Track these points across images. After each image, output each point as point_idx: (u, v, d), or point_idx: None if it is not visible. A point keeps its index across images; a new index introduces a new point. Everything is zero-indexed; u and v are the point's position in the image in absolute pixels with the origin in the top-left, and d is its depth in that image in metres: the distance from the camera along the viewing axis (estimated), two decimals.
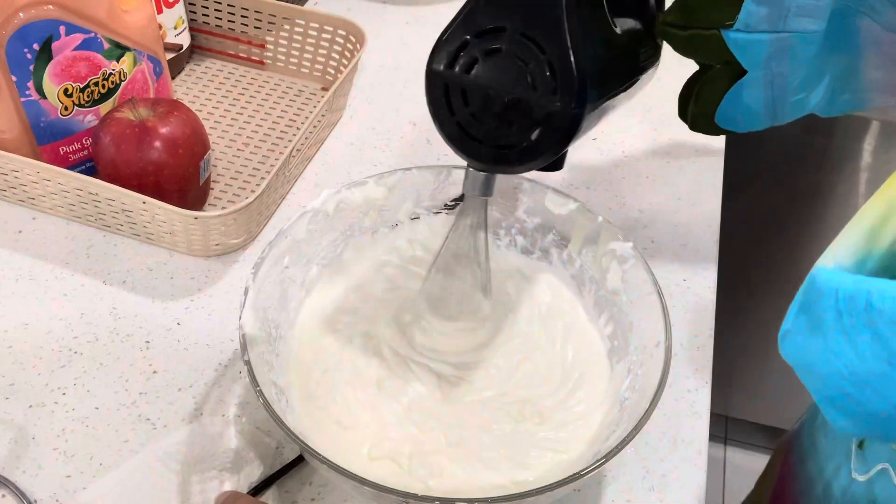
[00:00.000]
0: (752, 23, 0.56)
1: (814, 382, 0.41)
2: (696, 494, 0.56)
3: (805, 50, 0.57)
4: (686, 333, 0.65)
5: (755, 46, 0.57)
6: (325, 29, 0.82)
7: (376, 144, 0.79)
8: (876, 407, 0.37)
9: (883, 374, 0.36)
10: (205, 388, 0.60)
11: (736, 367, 1.34)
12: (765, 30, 0.56)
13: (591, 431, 0.54)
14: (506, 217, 0.63)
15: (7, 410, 0.58)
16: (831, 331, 0.38)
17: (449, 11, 0.95)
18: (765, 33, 0.56)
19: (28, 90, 0.65)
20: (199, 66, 0.86)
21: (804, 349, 0.40)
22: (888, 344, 0.35)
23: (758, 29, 0.56)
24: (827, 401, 0.40)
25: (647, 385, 0.50)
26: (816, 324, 0.39)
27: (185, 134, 0.66)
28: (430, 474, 0.51)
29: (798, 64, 0.58)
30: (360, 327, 0.59)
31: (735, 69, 0.59)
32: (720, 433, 1.57)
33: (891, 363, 0.35)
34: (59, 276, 0.66)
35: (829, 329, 0.38)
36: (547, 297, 0.61)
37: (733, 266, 0.85)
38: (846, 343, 0.37)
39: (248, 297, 0.52)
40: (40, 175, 0.66)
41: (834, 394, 0.39)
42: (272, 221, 0.72)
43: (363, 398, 0.55)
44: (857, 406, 0.38)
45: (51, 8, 0.63)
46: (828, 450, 0.55)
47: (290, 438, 0.46)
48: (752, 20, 0.56)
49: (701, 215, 0.74)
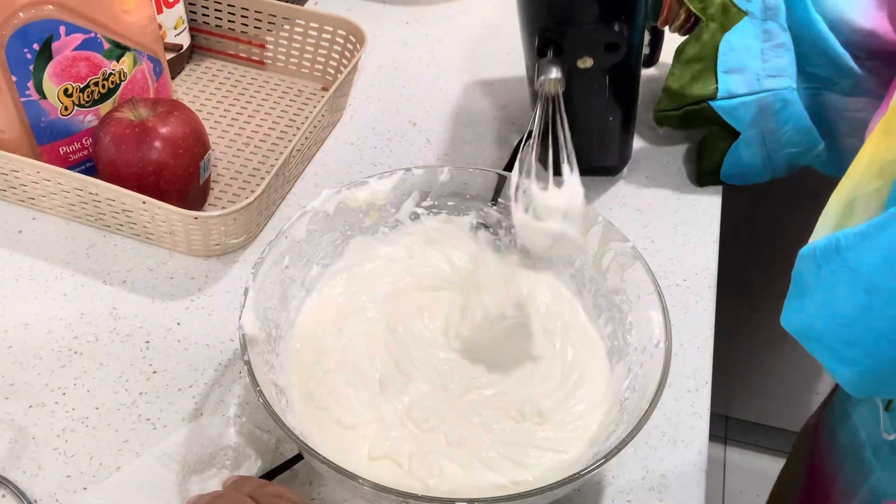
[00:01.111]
0: (732, 89, 0.66)
1: (817, 347, 0.45)
2: (696, 494, 0.56)
3: (786, 106, 0.66)
4: (686, 333, 0.65)
5: (741, 109, 0.66)
6: (325, 29, 0.82)
7: (376, 144, 0.79)
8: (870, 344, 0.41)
9: (865, 306, 0.40)
10: (205, 388, 0.60)
11: (736, 367, 1.34)
12: (745, 93, 0.66)
13: (591, 431, 0.54)
14: (506, 217, 0.63)
15: (7, 410, 0.58)
16: (816, 285, 0.43)
17: (449, 11, 0.95)
18: (747, 96, 0.66)
19: (28, 90, 0.65)
20: (199, 66, 0.86)
21: (799, 314, 0.45)
22: (860, 273, 0.40)
23: (739, 93, 0.66)
24: (833, 359, 0.44)
25: (647, 385, 0.50)
26: (804, 287, 0.45)
27: (185, 134, 0.66)
28: (430, 474, 0.51)
29: (783, 119, 0.66)
30: (360, 327, 0.59)
31: (730, 129, 0.69)
32: (720, 433, 1.57)
33: (867, 290, 0.40)
34: (59, 276, 0.66)
35: (813, 285, 0.44)
36: (547, 297, 0.61)
37: (733, 266, 0.85)
38: (829, 290, 0.42)
39: (248, 297, 0.52)
40: (40, 175, 0.66)
41: (835, 346, 0.43)
42: (272, 221, 0.72)
43: (363, 398, 0.55)
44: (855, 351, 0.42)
45: (51, 8, 0.63)
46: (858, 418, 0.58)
47: (290, 438, 0.46)
48: (731, 87, 0.66)
49: (701, 215, 0.74)
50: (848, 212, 0.44)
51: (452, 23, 0.94)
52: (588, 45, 0.62)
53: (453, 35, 0.92)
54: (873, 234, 0.40)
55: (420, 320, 0.60)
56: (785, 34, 0.65)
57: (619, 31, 0.61)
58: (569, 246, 0.57)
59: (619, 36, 0.61)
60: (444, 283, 0.62)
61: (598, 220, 0.58)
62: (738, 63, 0.66)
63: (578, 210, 0.55)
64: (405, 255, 0.63)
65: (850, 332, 0.42)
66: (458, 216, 0.64)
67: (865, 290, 0.40)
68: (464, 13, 0.95)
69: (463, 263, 0.63)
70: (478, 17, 0.95)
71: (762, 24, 0.66)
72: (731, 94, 0.66)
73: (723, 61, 0.67)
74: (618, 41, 0.61)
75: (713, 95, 0.67)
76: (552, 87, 0.59)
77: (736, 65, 0.66)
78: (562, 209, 0.54)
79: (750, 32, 0.66)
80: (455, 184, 0.62)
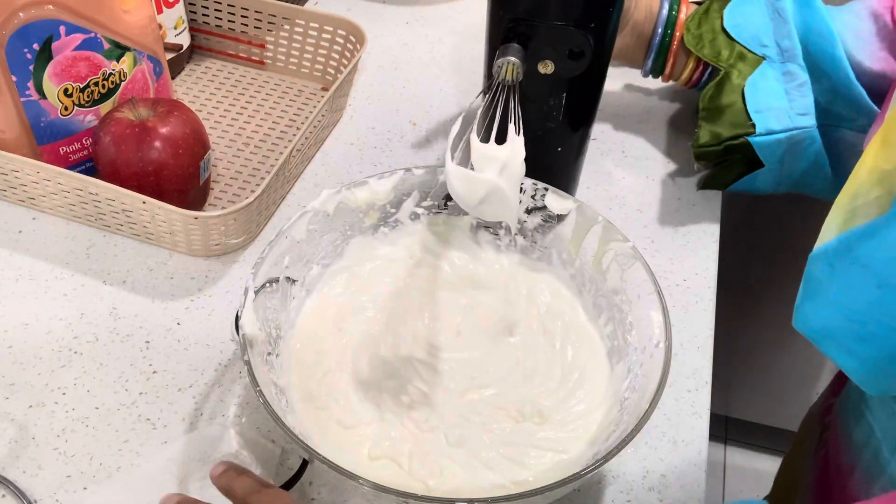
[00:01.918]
0: (770, 126, 0.68)
1: (831, 345, 0.46)
2: (696, 494, 0.56)
3: (812, 143, 0.68)
4: (686, 333, 0.65)
5: (774, 146, 0.68)
6: (325, 29, 0.82)
7: (376, 144, 0.79)
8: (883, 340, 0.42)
9: (877, 301, 0.41)
10: (205, 388, 0.60)
11: (736, 367, 1.34)
12: (781, 130, 0.68)
13: (590, 431, 0.54)
14: None
15: (7, 410, 0.58)
16: (828, 283, 0.44)
17: (449, 11, 0.95)
18: (781, 133, 0.68)
19: (28, 90, 0.65)
20: (199, 66, 0.86)
21: (812, 315, 0.46)
22: (871, 270, 0.41)
23: (776, 130, 0.68)
24: (847, 357, 0.45)
25: (647, 385, 0.50)
26: (816, 286, 0.45)
27: (185, 134, 0.66)
28: (430, 474, 0.51)
29: (805, 155, 0.69)
30: (360, 327, 0.59)
31: (749, 158, 0.71)
32: (720, 433, 1.57)
33: (880, 286, 0.41)
34: (59, 276, 0.66)
35: (826, 284, 0.44)
36: (546, 297, 0.61)
37: (733, 266, 0.85)
38: (842, 287, 0.43)
39: (248, 297, 0.52)
40: (40, 175, 0.66)
41: (848, 343, 0.44)
42: (272, 221, 0.72)
43: (364, 398, 0.55)
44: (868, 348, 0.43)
45: (51, 8, 0.63)
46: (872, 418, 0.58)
47: (290, 438, 0.46)
48: (769, 124, 0.68)
49: (701, 215, 0.74)
50: (850, 219, 0.44)
51: (452, 23, 0.94)
52: (552, 46, 0.58)
53: (453, 35, 0.92)
54: (883, 231, 0.40)
55: (420, 320, 0.60)
56: (804, 74, 0.67)
57: (586, 39, 0.58)
58: (500, 204, 0.54)
59: (585, 42, 0.58)
60: (444, 283, 0.62)
61: (598, 220, 0.58)
62: (767, 104, 0.68)
63: (517, 169, 0.53)
64: (405, 255, 0.63)
65: (862, 329, 0.42)
66: (458, 216, 0.64)
67: (878, 286, 0.41)
68: (464, 13, 0.95)
69: (463, 263, 0.63)
70: (478, 16, 0.95)
71: (781, 67, 0.68)
72: (770, 130, 0.68)
73: (752, 102, 0.68)
74: (583, 48, 0.58)
75: (752, 132, 0.68)
76: (510, 72, 0.56)
77: (765, 105, 0.68)
78: (501, 160, 0.53)
79: (771, 75, 0.68)
80: None
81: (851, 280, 0.42)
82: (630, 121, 0.83)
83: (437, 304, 0.61)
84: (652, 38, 0.73)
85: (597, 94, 0.65)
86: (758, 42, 0.69)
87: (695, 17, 0.72)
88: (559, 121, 0.63)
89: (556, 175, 0.69)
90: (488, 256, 0.64)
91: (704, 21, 0.71)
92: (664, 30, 0.72)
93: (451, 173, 0.53)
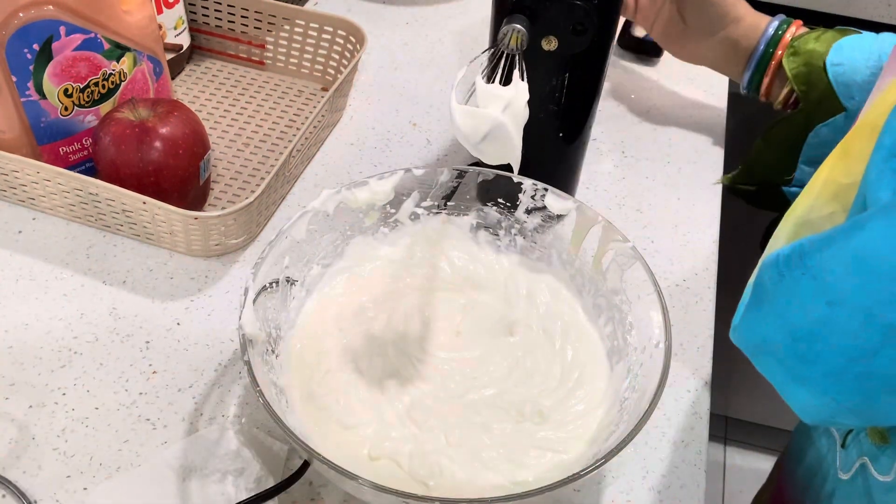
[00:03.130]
0: (805, 179, 0.64)
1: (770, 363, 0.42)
2: (696, 495, 0.56)
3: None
4: (686, 333, 0.65)
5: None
6: (325, 29, 0.82)
7: (376, 144, 0.79)
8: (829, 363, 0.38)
9: (826, 319, 0.37)
10: (205, 388, 0.60)
11: (736, 367, 1.34)
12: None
13: (590, 431, 0.54)
14: (506, 217, 0.63)
15: (7, 410, 0.58)
16: (775, 294, 0.40)
17: (449, 12, 0.95)
18: None
19: (28, 90, 0.65)
20: (199, 66, 0.86)
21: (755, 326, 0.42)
22: (823, 283, 0.37)
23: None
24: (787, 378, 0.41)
25: (646, 385, 0.50)
26: (762, 296, 0.41)
27: (185, 134, 0.66)
28: (430, 474, 0.51)
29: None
30: (360, 327, 0.59)
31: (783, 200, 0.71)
32: (720, 433, 1.57)
33: (829, 303, 0.37)
34: (59, 276, 0.66)
35: (773, 294, 0.40)
36: (546, 297, 0.61)
37: (733, 266, 0.85)
38: (789, 298, 0.39)
39: (248, 297, 0.52)
40: (40, 175, 0.66)
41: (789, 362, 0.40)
42: (272, 221, 0.72)
43: (364, 398, 0.55)
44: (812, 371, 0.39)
45: (51, 8, 0.63)
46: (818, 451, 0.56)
47: (290, 439, 0.46)
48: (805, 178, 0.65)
49: (701, 215, 0.74)
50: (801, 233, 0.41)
51: (452, 23, 0.94)
52: (556, 21, 0.58)
53: (453, 35, 0.92)
54: (840, 241, 0.37)
55: (420, 320, 0.60)
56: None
57: (590, 14, 0.57)
58: (503, 143, 0.54)
59: (589, 18, 0.57)
60: (444, 283, 0.62)
61: (599, 220, 0.58)
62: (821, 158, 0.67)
63: (521, 110, 0.53)
64: (405, 255, 0.63)
65: (807, 348, 0.39)
66: (458, 216, 0.64)
67: (827, 302, 0.37)
68: (464, 13, 0.95)
69: (463, 263, 0.63)
70: (478, 17, 0.95)
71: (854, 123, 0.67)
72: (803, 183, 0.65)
73: (807, 152, 0.67)
74: (587, 24, 0.58)
75: (788, 182, 0.67)
76: (515, 40, 0.55)
77: (818, 158, 0.65)
78: (506, 98, 0.53)
79: (840, 128, 0.66)
80: (455, 184, 0.62)
81: (800, 292, 0.39)
82: (630, 121, 0.83)
83: (436, 304, 0.61)
84: (753, 53, 0.72)
85: (599, 76, 0.64)
86: (847, 92, 0.66)
87: (802, 38, 0.69)
88: (562, 103, 0.63)
89: (556, 173, 0.69)
90: (488, 256, 0.64)
91: (810, 45, 0.69)
92: (766, 47, 0.71)
93: (455, 110, 0.53)
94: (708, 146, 0.81)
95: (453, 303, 0.61)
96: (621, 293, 0.57)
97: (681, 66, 0.81)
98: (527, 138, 0.55)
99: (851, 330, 0.36)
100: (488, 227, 0.64)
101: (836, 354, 0.37)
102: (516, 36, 0.55)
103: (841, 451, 0.52)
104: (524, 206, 0.62)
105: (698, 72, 0.86)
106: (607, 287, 0.58)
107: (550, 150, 0.68)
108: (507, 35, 0.55)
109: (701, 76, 0.87)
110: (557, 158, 0.68)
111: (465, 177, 0.62)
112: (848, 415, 0.40)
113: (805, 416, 0.43)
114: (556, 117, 0.65)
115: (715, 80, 0.86)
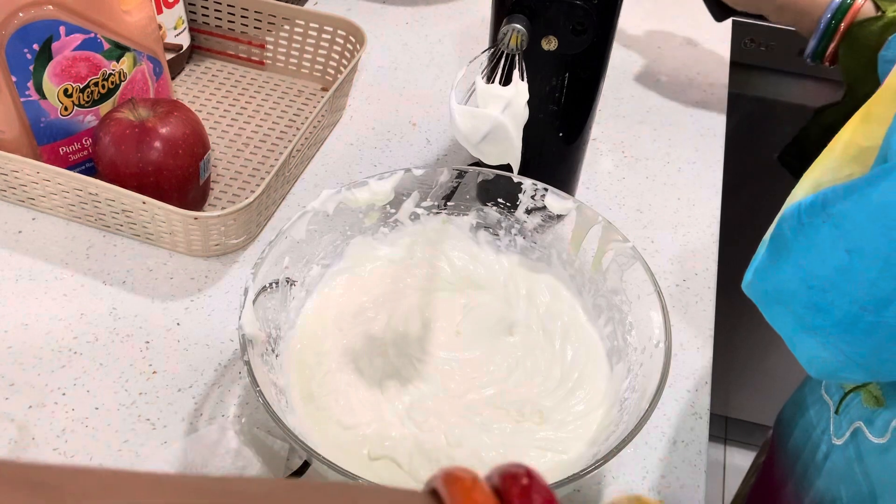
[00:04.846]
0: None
1: (782, 313, 0.42)
2: (696, 494, 0.56)
3: None
4: (686, 333, 0.65)
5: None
6: (325, 29, 0.82)
7: (376, 144, 0.79)
8: (842, 312, 0.38)
9: (844, 267, 0.38)
10: (205, 388, 0.60)
11: (736, 367, 1.34)
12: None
13: (590, 431, 0.54)
14: (506, 217, 0.63)
15: (7, 410, 0.58)
16: (794, 243, 0.40)
17: (449, 12, 0.95)
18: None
19: (28, 90, 0.65)
20: (199, 66, 0.86)
21: (770, 276, 0.42)
22: (844, 231, 0.38)
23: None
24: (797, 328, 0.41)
25: (646, 385, 0.50)
26: (781, 246, 0.41)
27: (185, 134, 0.66)
28: (430, 474, 0.51)
29: None
30: (360, 328, 0.59)
31: None
32: (720, 433, 1.57)
33: (848, 251, 0.37)
34: (59, 276, 0.66)
35: (792, 243, 0.40)
36: (546, 297, 0.61)
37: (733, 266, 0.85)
38: (809, 246, 0.39)
39: (248, 297, 0.52)
40: (40, 175, 0.66)
41: (801, 311, 0.40)
42: (272, 221, 0.72)
43: (364, 398, 0.55)
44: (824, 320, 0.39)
45: (51, 8, 0.63)
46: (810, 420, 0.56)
47: (289, 439, 0.46)
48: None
49: (701, 215, 0.74)
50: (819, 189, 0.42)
51: (452, 23, 0.94)
52: (556, 21, 0.58)
53: (453, 35, 0.92)
54: (862, 190, 0.37)
55: (420, 320, 0.60)
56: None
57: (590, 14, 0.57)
58: (503, 144, 0.54)
59: (589, 18, 0.57)
60: (444, 283, 0.62)
61: (598, 221, 0.58)
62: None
63: (521, 110, 0.53)
64: (405, 256, 0.63)
65: (822, 297, 0.39)
66: (458, 216, 0.64)
67: (847, 250, 0.37)
68: (464, 13, 0.95)
69: (462, 264, 0.63)
70: (478, 17, 0.95)
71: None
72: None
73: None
74: (587, 24, 0.58)
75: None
76: (515, 40, 0.56)
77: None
78: (505, 98, 0.53)
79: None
80: (455, 184, 0.62)
81: (820, 240, 0.39)
82: (630, 121, 0.83)
83: (436, 304, 0.61)
84: (819, 22, 0.71)
85: (599, 76, 0.64)
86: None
87: (870, 23, 0.68)
88: (562, 103, 0.63)
89: (556, 174, 0.69)
90: (488, 257, 0.64)
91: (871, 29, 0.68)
92: (832, 16, 0.70)
93: (455, 110, 0.53)
94: (708, 146, 0.81)
95: (453, 303, 0.61)
96: (621, 293, 0.57)
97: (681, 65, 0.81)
98: (527, 138, 0.55)
99: (868, 278, 0.37)
100: (488, 227, 0.64)
101: (850, 303, 0.38)
102: (516, 36, 0.55)
103: (834, 417, 0.52)
104: (524, 206, 0.62)
105: (699, 71, 0.86)
106: (607, 287, 0.58)
107: (550, 150, 0.68)
108: (507, 35, 0.56)
109: (701, 76, 0.87)
110: (557, 158, 0.68)
111: (465, 177, 0.62)
112: (854, 368, 0.41)
113: (811, 369, 0.43)
114: (556, 117, 0.65)
115: (715, 80, 0.86)
